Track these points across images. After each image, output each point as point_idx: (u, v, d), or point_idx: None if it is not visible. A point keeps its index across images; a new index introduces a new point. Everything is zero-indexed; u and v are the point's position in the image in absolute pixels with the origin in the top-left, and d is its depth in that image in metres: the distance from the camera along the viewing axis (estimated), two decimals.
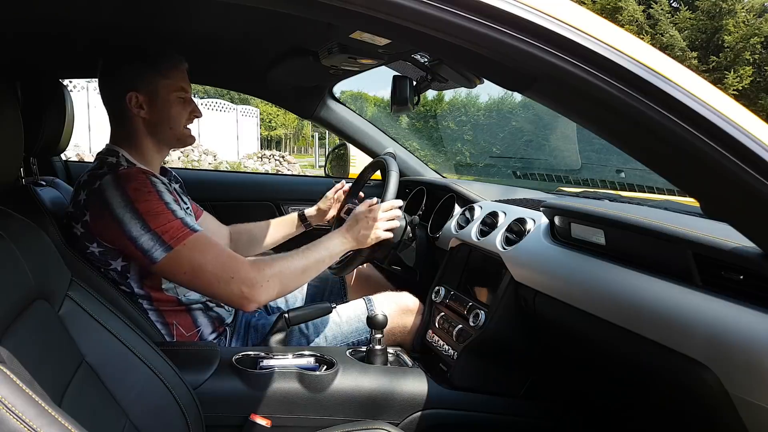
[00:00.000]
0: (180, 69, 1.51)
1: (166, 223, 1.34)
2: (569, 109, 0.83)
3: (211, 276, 1.34)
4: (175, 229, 1.35)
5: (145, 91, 1.46)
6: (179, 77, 1.50)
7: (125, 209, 1.33)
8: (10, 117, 0.93)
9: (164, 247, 1.34)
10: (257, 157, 17.06)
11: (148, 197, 1.35)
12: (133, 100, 1.46)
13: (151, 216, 1.34)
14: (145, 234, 1.33)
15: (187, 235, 1.35)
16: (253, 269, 1.36)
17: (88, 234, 1.39)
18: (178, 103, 1.50)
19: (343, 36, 1.41)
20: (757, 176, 0.71)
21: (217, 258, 1.36)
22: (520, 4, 0.70)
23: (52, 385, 0.89)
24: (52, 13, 1.32)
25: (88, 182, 1.41)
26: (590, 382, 1.49)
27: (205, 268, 1.35)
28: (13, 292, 0.89)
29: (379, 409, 1.43)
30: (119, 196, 1.34)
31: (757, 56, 11.17)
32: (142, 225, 1.33)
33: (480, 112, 15.61)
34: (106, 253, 1.40)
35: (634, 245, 1.18)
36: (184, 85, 1.51)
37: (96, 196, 1.37)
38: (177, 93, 1.49)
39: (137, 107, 1.47)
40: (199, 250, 1.35)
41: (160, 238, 1.33)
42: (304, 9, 0.79)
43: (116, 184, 1.36)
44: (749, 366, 0.88)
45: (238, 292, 1.34)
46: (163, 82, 1.47)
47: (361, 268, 1.94)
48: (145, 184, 1.37)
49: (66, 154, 2.35)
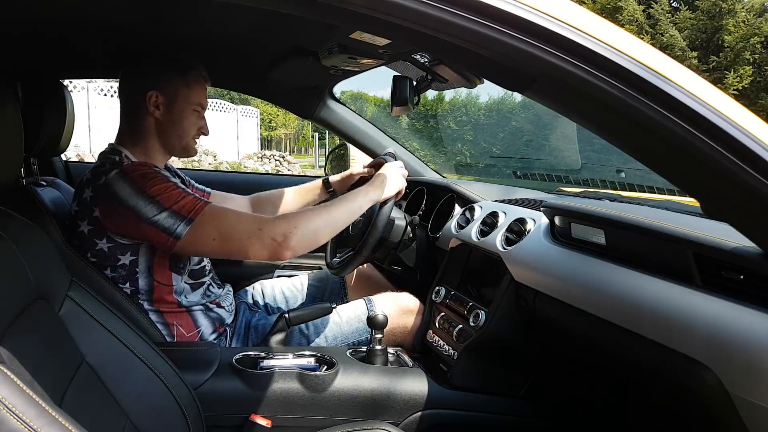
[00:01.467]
0: (203, 86, 1.56)
1: (180, 199, 1.36)
2: (569, 109, 0.83)
3: (241, 234, 1.35)
4: (190, 203, 1.36)
5: (166, 94, 1.50)
6: (201, 93, 1.55)
7: (137, 197, 1.35)
8: (10, 117, 0.93)
9: (185, 221, 1.34)
10: (257, 157, 17.06)
11: (156, 182, 1.37)
12: (153, 99, 1.49)
13: (163, 196, 1.35)
14: (162, 213, 1.34)
15: (204, 206, 1.37)
16: (279, 220, 1.36)
17: (98, 230, 1.40)
18: (193, 115, 1.54)
19: (343, 36, 1.41)
20: (757, 176, 0.71)
21: (239, 217, 1.39)
22: (520, 4, 0.70)
23: (52, 386, 0.89)
24: (53, 13, 1.32)
25: (91, 180, 1.42)
26: (590, 383, 1.49)
27: (233, 229, 1.35)
28: (13, 292, 0.89)
29: (380, 410, 1.43)
30: (128, 187, 1.36)
31: (757, 56, 11.18)
32: (157, 206, 1.34)
33: (480, 112, 15.62)
34: (116, 248, 1.41)
35: (634, 245, 1.18)
36: (203, 102, 1.56)
37: (104, 191, 1.38)
38: (194, 106, 1.54)
39: (154, 106, 1.50)
40: (221, 216, 1.38)
41: (179, 214, 1.35)
42: (304, 9, 0.79)
43: (122, 177, 1.37)
44: (749, 366, 0.88)
45: (269, 243, 1.33)
46: (185, 91, 1.51)
47: (361, 268, 1.94)
48: (149, 170, 1.40)
49: (66, 155, 2.35)
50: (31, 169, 1.74)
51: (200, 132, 1.58)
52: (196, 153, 1.61)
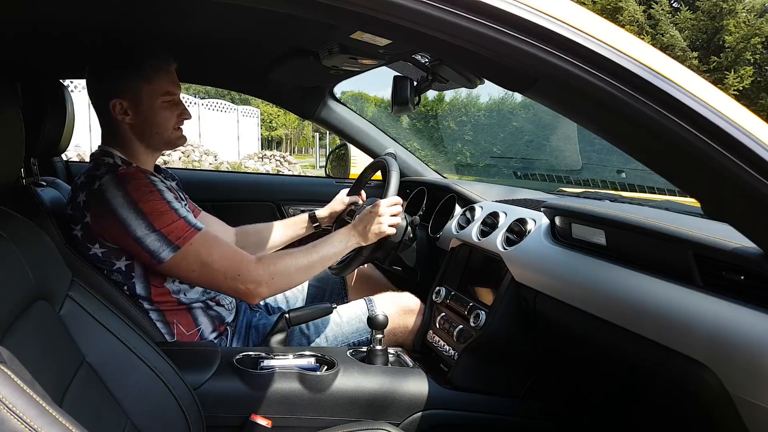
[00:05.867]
0: (166, 71, 1.46)
1: (171, 222, 1.35)
2: (570, 110, 0.83)
3: (219, 273, 1.37)
4: (180, 229, 1.35)
5: (128, 98, 1.43)
6: (165, 80, 1.45)
7: (128, 209, 1.33)
8: (10, 117, 0.93)
9: (171, 247, 1.35)
10: (258, 157, 17.06)
11: (150, 197, 1.35)
12: (117, 107, 1.43)
13: (155, 216, 1.34)
14: (151, 234, 1.34)
15: (193, 234, 1.36)
16: (259, 266, 1.38)
17: (90, 235, 1.39)
18: (164, 108, 1.46)
19: (344, 36, 1.41)
20: (758, 176, 0.71)
21: (224, 255, 1.38)
22: (521, 5, 0.70)
23: (52, 386, 0.89)
24: (53, 13, 1.32)
25: (86, 183, 1.40)
26: (591, 383, 1.49)
27: (213, 266, 1.37)
28: (13, 292, 0.89)
29: (380, 410, 1.43)
30: (121, 197, 1.34)
31: (758, 56, 11.18)
32: (146, 225, 1.34)
33: (480, 113, 15.61)
34: (110, 253, 1.41)
35: (634, 245, 1.18)
36: (171, 89, 1.46)
37: (96, 197, 1.36)
38: (162, 98, 1.45)
39: (122, 114, 1.44)
40: (206, 248, 1.37)
41: (167, 238, 1.34)
42: (304, 9, 0.79)
43: (116, 184, 1.35)
44: (750, 366, 0.88)
45: (244, 289, 1.38)
46: (146, 88, 1.43)
47: (362, 268, 1.94)
48: (145, 183, 1.37)
49: (66, 155, 2.35)
50: (31, 169, 1.74)
51: (180, 119, 1.50)
52: (185, 141, 1.54)
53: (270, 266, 1.40)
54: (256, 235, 1.92)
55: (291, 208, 2.47)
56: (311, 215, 1.94)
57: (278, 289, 1.44)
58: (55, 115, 1.74)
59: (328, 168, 2.93)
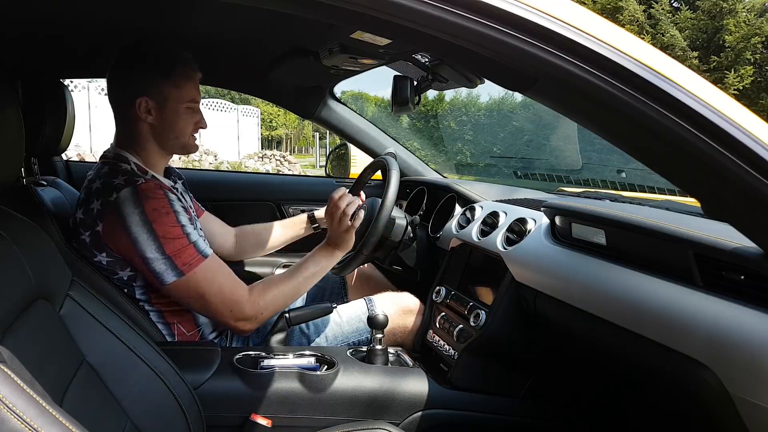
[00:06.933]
0: (193, 79, 1.49)
1: (180, 248, 1.37)
2: (570, 110, 0.83)
3: (213, 306, 1.43)
4: (188, 255, 1.38)
5: (155, 99, 1.44)
6: (191, 87, 1.48)
7: (142, 228, 1.34)
8: (11, 117, 0.93)
9: (176, 273, 1.37)
10: (258, 156, 17.07)
11: (165, 219, 1.36)
12: (143, 106, 1.44)
13: (167, 240, 1.36)
14: (160, 258, 1.36)
15: (199, 261, 1.39)
16: (248, 304, 1.44)
17: (98, 244, 1.39)
18: (186, 113, 1.49)
19: (344, 36, 1.41)
20: (758, 176, 0.71)
21: (221, 289, 1.42)
22: (521, 4, 0.70)
23: (53, 385, 0.90)
24: (53, 12, 1.32)
25: (103, 192, 1.38)
26: (591, 383, 1.49)
27: (211, 299, 1.42)
28: (13, 292, 0.89)
29: (380, 409, 1.43)
30: (138, 214, 1.34)
31: (758, 56, 11.17)
32: (157, 248, 1.35)
33: (481, 112, 15.61)
34: (115, 263, 1.41)
35: (635, 245, 1.18)
36: (195, 96, 1.50)
37: (112, 210, 1.36)
38: (187, 104, 1.48)
39: (146, 113, 1.45)
40: (208, 279, 1.41)
41: (173, 263, 1.37)
42: (304, 9, 0.79)
43: (135, 201, 1.35)
44: (750, 366, 0.88)
45: (234, 323, 1.45)
46: (174, 92, 1.46)
47: (361, 268, 1.94)
48: (163, 204, 1.37)
49: (67, 154, 2.35)
50: (31, 168, 1.73)
51: (197, 127, 1.53)
52: (197, 149, 1.58)
53: (259, 301, 1.45)
54: (255, 235, 1.92)
55: (291, 207, 2.47)
56: (310, 216, 1.94)
57: (265, 321, 1.50)
58: (56, 114, 1.73)
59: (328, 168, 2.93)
